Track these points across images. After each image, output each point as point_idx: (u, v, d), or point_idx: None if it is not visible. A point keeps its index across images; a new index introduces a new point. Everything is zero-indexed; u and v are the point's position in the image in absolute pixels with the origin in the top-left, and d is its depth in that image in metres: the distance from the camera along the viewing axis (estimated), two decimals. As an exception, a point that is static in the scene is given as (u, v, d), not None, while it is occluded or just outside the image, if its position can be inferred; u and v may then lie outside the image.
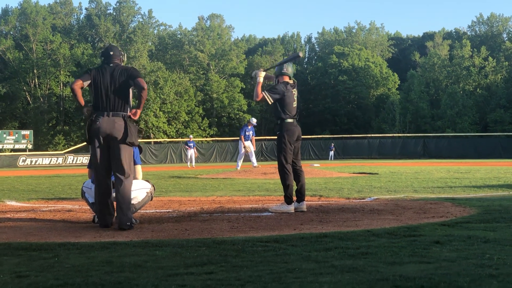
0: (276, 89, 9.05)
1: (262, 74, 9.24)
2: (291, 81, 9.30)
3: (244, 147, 24.76)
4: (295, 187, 9.10)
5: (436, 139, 66.85)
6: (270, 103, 9.06)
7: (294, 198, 9.03)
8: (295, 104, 9.18)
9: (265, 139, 62.58)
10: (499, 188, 13.38)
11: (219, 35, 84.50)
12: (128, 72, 7.48)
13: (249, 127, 25.28)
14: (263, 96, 9.01)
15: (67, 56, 73.19)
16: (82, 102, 7.46)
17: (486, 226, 6.70)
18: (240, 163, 25.89)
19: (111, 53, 7.64)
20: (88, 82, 7.49)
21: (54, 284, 4.07)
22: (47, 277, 4.32)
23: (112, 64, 7.56)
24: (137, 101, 7.41)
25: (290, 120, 9.09)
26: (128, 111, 7.50)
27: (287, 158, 9.01)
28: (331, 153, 62.63)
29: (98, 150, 7.45)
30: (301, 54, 9.56)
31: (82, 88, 7.46)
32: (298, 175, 9.18)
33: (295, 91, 9.24)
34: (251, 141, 25.33)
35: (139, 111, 7.48)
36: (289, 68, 9.30)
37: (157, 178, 20.82)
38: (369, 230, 6.47)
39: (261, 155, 59.87)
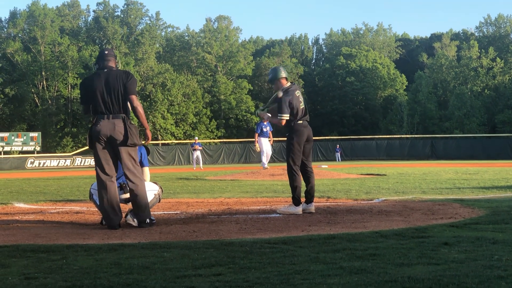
0: (283, 105, 8.91)
1: (265, 116, 9.29)
2: (288, 84, 9.22)
3: (255, 145, 23.55)
4: (304, 188, 9.08)
5: (444, 140, 66.71)
6: (288, 117, 8.95)
7: (303, 199, 9.01)
8: (302, 106, 9.09)
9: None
10: (508, 189, 13.33)
11: (226, 37, 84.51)
12: (123, 81, 7.57)
13: (265, 123, 23.28)
14: (282, 119, 8.90)
15: (75, 58, 73.28)
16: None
17: (495, 227, 6.68)
18: (264, 160, 23.98)
19: (104, 55, 7.76)
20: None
21: (63, 286, 4.08)
22: (55, 279, 4.33)
23: (106, 69, 7.66)
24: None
25: (300, 122, 9.02)
26: (128, 113, 7.65)
27: (295, 159, 8.96)
28: (338, 154, 62.52)
29: (100, 153, 7.53)
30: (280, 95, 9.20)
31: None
32: (308, 176, 9.14)
33: (298, 93, 9.14)
34: (269, 137, 23.52)
35: (148, 132, 7.80)
36: (283, 73, 9.21)
37: (165, 180, 20.85)
38: (377, 232, 6.46)
39: (269, 156, 59.73)
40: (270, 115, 9.22)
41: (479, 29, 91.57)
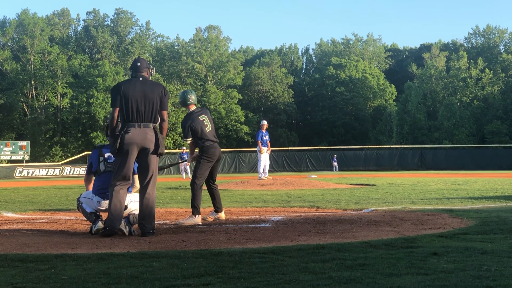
0: (183, 130, 9.50)
1: (190, 157, 9.80)
2: (194, 108, 9.60)
3: (260, 150, 22.61)
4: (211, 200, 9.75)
5: (433, 150, 66.85)
6: (191, 139, 9.47)
7: (212, 208, 9.75)
8: (208, 129, 9.49)
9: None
10: (496, 199, 13.37)
11: (216, 47, 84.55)
12: (161, 95, 7.74)
13: (264, 131, 22.88)
14: (186, 141, 9.57)
15: (64, 67, 73.13)
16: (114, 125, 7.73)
17: (484, 238, 6.70)
18: (261, 170, 23.13)
19: (139, 64, 7.88)
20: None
21: (51, 296, 4.06)
22: (43, 288, 4.31)
23: (141, 78, 7.78)
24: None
25: (209, 143, 9.45)
26: (158, 122, 7.78)
27: (201, 177, 9.40)
28: (335, 164, 62.24)
29: (127, 159, 7.58)
30: None
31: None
32: (213, 191, 9.67)
33: (202, 117, 9.50)
34: (267, 146, 23.01)
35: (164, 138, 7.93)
36: (192, 97, 9.54)
37: (154, 189, 20.74)
38: (366, 242, 6.46)
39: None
40: (190, 158, 9.81)
41: (468, 40, 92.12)
